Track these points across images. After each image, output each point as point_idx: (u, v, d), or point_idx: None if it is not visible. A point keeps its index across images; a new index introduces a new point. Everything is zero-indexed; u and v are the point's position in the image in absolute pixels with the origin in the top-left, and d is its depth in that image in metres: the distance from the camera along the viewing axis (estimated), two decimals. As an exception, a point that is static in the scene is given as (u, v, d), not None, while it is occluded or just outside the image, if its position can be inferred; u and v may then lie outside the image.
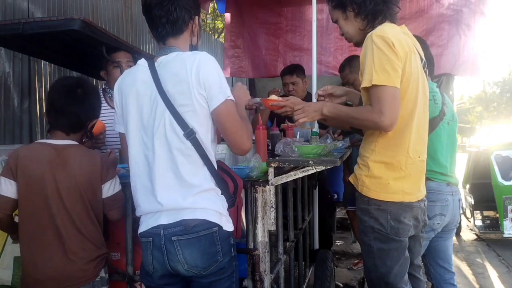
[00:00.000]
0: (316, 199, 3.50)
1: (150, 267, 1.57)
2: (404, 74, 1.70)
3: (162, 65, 1.56)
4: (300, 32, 4.96)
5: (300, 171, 1.97)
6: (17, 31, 2.20)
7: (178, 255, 1.51)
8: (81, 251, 1.72)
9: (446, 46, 4.37)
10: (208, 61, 1.54)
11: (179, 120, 1.51)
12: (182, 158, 1.52)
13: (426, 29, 4.42)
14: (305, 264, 3.28)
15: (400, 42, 1.69)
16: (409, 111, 1.75)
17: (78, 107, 1.80)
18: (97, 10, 4.94)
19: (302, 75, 3.82)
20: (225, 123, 1.55)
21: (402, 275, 1.83)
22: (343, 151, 2.37)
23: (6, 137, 3.53)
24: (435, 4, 4.46)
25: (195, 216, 1.51)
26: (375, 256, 1.84)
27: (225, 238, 1.55)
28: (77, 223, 1.72)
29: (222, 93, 1.52)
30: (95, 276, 1.75)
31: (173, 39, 1.62)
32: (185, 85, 1.50)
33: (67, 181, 1.72)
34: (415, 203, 1.81)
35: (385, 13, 1.81)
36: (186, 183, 1.52)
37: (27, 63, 3.78)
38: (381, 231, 1.79)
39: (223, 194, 1.59)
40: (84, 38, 2.27)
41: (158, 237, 1.53)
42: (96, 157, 1.80)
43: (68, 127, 1.80)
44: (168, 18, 1.57)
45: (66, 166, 1.73)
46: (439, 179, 2.35)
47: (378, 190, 1.78)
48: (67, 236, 1.70)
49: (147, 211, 1.58)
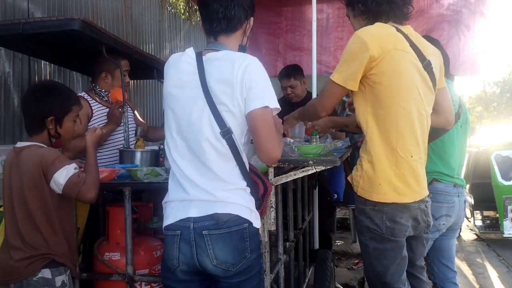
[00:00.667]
0: (316, 199, 3.50)
1: (174, 262, 1.52)
2: (380, 72, 1.72)
3: (210, 60, 1.55)
4: (300, 32, 4.96)
5: (300, 171, 1.97)
6: (17, 31, 2.20)
7: (208, 249, 1.48)
8: (18, 248, 1.78)
9: (446, 46, 4.36)
10: (256, 66, 1.53)
11: (218, 118, 1.50)
12: (216, 156, 1.51)
13: (426, 29, 4.42)
14: (305, 264, 3.28)
15: (380, 40, 1.72)
16: (393, 109, 1.75)
17: (29, 108, 1.89)
18: (97, 10, 4.94)
19: (300, 76, 3.79)
20: (259, 128, 1.53)
21: (399, 275, 1.83)
22: (343, 151, 2.37)
23: (6, 137, 3.53)
24: (435, 4, 4.46)
25: (227, 210, 1.49)
26: (371, 255, 1.84)
27: (254, 235, 1.55)
28: (18, 225, 1.79)
29: (262, 99, 1.51)
30: (27, 275, 1.76)
31: (225, 37, 1.61)
32: (229, 85, 1.50)
33: (16, 183, 1.81)
34: (412, 204, 1.79)
35: (388, 13, 1.82)
36: (218, 178, 1.52)
37: (27, 63, 3.77)
38: (376, 231, 1.79)
39: (252, 195, 1.58)
40: (84, 38, 2.27)
41: (187, 230, 1.49)
42: (37, 155, 1.80)
43: (28, 128, 1.91)
44: (225, 14, 1.57)
45: (18, 167, 1.82)
46: (447, 181, 2.35)
47: (371, 191, 1.78)
48: (10, 233, 1.81)
49: (175, 198, 1.56)
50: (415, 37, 1.84)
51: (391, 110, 1.75)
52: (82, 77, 4.62)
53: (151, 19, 6.31)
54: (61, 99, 1.92)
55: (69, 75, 4.37)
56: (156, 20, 6.46)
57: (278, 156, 1.59)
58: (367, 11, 1.85)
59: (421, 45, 1.84)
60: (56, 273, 1.81)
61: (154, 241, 2.17)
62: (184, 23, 7.59)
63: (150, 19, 6.29)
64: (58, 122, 1.89)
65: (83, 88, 4.80)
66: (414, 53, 1.79)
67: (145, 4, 6.15)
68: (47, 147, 1.87)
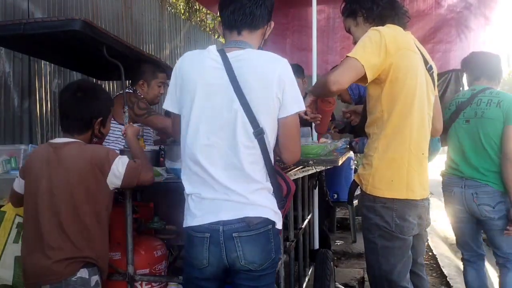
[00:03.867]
0: (316, 199, 3.50)
1: (204, 261, 1.53)
2: (397, 67, 1.74)
3: (238, 58, 1.53)
4: (306, 32, 4.96)
5: (300, 171, 1.97)
6: (18, 31, 2.20)
7: (238, 251, 1.50)
8: (58, 249, 1.74)
9: (455, 42, 4.37)
10: (290, 68, 1.56)
11: (251, 118, 1.49)
12: (247, 155, 1.51)
13: (434, 27, 4.43)
14: (305, 264, 3.29)
15: (395, 38, 1.74)
16: (408, 106, 1.78)
17: (76, 109, 1.87)
18: (97, 10, 4.93)
19: (302, 75, 3.83)
20: (291, 131, 1.58)
21: (405, 273, 1.85)
22: (343, 151, 2.37)
23: (6, 137, 3.53)
24: (443, 2, 4.47)
25: (258, 213, 1.51)
26: (379, 253, 1.86)
27: (277, 235, 1.58)
28: (61, 220, 1.75)
29: (297, 104, 1.55)
30: (67, 275, 1.74)
31: (248, 32, 1.59)
32: (265, 85, 1.50)
33: (59, 179, 1.77)
34: (419, 202, 1.83)
35: (394, 18, 1.86)
36: (248, 178, 1.51)
37: (27, 63, 3.77)
38: (386, 228, 1.81)
39: (275, 195, 1.59)
40: (84, 39, 2.27)
41: (217, 233, 1.50)
42: (87, 151, 1.81)
43: (72, 128, 1.88)
44: (252, 10, 1.56)
45: (61, 163, 1.78)
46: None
47: (383, 188, 1.80)
48: (47, 233, 1.74)
49: (203, 195, 1.53)
50: (417, 42, 1.89)
51: (407, 107, 1.78)
52: (82, 77, 4.62)
53: (151, 19, 6.30)
54: (106, 100, 1.97)
55: (69, 75, 4.37)
56: (156, 20, 6.46)
57: (300, 157, 1.69)
58: (371, 16, 1.89)
59: (422, 50, 1.89)
60: (91, 273, 1.81)
61: (154, 241, 2.17)
62: (184, 23, 7.59)
63: (150, 19, 6.29)
64: (102, 123, 1.93)
65: (83, 88, 4.80)
66: (421, 56, 1.83)
67: (145, 4, 6.15)
68: (93, 144, 1.91)
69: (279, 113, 1.54)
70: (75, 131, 1.88)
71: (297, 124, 1.60)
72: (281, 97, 1.51)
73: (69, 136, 1.88)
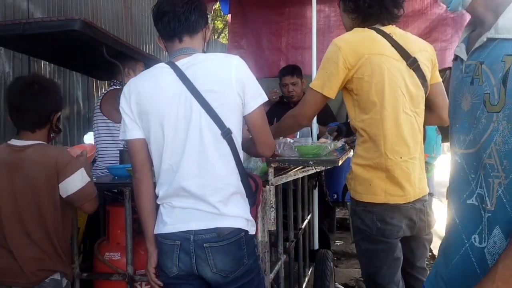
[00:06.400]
0: (316, 199, 3.50)
1: (174, 269, 1.52)
2: (360, 77, 1.74)
3: (188, 65, 1.53)
4: (302, 31, 4.96)
5: (300, 171, 1.97)
6: (17, 31, 2.20)
7: (208, 260, 1.49)
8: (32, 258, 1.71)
9: (451, 41, 4.37)
10: (245, 64, 1.57)
11: (216, 120, 1.49)
12: (218, 158, 1.51)
13: (429, 26, 4.44)
14: (305, 264, 3.29)
15: (355, 47, 1.75)
16: (378, 113, 1.76)
17: (37, 102, 1.79)
18: (97, 10, 4.94)
19: (301, 76, 3.87)
20: (260, 125, 1.60)
21: (390, 276, 1.82)
22: (343, 152, 2.37)
23: (6, 137, 3.53)
24: (434, 5, 4.47)
25: (229, 224, 1.50)
26: (363, 256, 1.87)
27: (249, 241, 1.56)
28: (27, 228, 1.72)
29: (260, 97, 1.57)
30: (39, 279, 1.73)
31: (189, 37, 1.59)
32: (225, 83, 1.50)
33: (22, 184, 1.72)
34: (404, 205, 1.77)
35: (378, 16, 1.82)
36: (221, 183, 1.51)
37: (27, 63, 3.77)
38: (367, 231, 1.80)
39: (247, 194, 1.59)
40: (84, 39, 2.27)
41: (187, 241, 1.49)
42: (51, 156, 1.75)
43: (31, 124, 1.79)
44: (186, 16, 1.57)
45: (22, 168, 1.72)
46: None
47: (362, 192, 1.80)
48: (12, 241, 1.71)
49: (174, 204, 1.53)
50: (399, 36, 1.81)
51: (375, 114, 1.76)
52: (82, 77, 4.63)
53: (151, 19, 6.28)
54: (60, 93, 1.93)
55: (69, 75, 4.37)
56: (156, 20, 6.46)
57: (274, 146, 1.76)
58: (357, 11, 1.86)
59: (406, 43, 1.81)
60: (63, 275, 1.81)
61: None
62: (184, 23, 7.58)
63: (150, 19, 6.24)
64: (58, 118, 1.90)
65: (83, 88, 4.80)
66: (396, 53, 1.77)
67: (145, 4, 6.15)
68: (56, 147, 1.88)
69: (244, 110, 1.55)
70: (35, 126, 1.79)
71: (264, 116, 1.61)
72: (242, 94, 1.52)
73: (28, 133, 1.79)
